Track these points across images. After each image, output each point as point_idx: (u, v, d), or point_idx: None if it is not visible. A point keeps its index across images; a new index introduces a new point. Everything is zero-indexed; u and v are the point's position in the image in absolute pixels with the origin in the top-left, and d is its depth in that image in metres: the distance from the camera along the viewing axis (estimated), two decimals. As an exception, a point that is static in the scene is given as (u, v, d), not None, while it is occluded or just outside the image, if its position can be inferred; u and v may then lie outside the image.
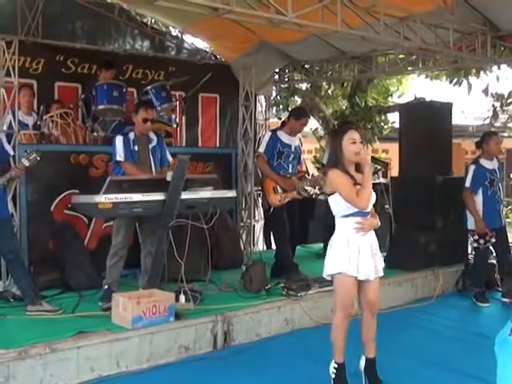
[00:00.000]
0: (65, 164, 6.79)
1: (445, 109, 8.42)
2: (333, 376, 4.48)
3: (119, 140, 5.93)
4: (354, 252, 4.34)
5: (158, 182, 5.57)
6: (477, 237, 7.15)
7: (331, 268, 4.42)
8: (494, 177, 7.16)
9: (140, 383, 4.76)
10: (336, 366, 4.47)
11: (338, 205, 4.39)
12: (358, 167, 4.43)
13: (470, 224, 7.21)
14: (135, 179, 5.63)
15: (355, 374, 4.60)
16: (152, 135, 6.18)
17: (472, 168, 7.23)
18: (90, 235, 6.99)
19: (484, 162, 7.22)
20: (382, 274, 4.53)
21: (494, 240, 7.12)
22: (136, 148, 5.96)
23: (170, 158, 6.28)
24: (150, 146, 6.09)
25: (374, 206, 4.61)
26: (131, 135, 6.00)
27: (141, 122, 5.98)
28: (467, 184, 7.18)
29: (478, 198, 7.14)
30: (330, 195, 4.43)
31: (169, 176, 5.45)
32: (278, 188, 7.02)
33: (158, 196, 5.43)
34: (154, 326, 5.13)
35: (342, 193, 4.32)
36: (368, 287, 4.47)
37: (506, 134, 13.26)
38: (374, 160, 4.38)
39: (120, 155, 5.89)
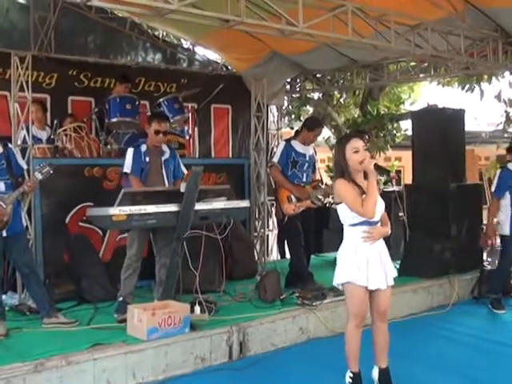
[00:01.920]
0: (79, 177, 6.83)
1: (457, 115, 8.38)
2: None
3: (130, 152, 5.97)
4: (362, 261, 4.33)
5: (172, 193, 5.58)
6: (484, 244, 7.13)
7: (340, 277, 4.41)
8: None
9: (156, 395, 4.77)
10: (352, 375, 4.46)
11: (345, 214, 4.39)
12: (367, 175, 4.41)
13: (500, 228, 7.20)
14: (149, 191, 5.64)
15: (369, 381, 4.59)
16: (165, 148, 6.19)
17: (498, 173, 7.30)
18: (104, 247, 7.02)
19: (511, 166, 7.20)
20: (392, 283, 4.49)
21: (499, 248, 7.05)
22: (147, 159, 5.97)
23: (184, 170, 6.28)
24: (163, 159, 6.10)
25: (388, 213, 4.59)
26: (143, 147, 6.02)
27: (153, 133, 6.00)
28: (492, 188, 7.22)
29: (506, 202, 7.10)
30: (338, 204, 4.43)
31: (182, 187, 5.45)
32: (292, 197, 7.01)
33: (172, 207, 5.43)
34: (170, 338, 5.13)
35: (348, 203, 4.31)
36: (379, 297, 4.45)
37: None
38: (378, 168, 4.36)
39: (127, 167, 5.92)
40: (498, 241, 7.37)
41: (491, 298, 7.20)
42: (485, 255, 8.53)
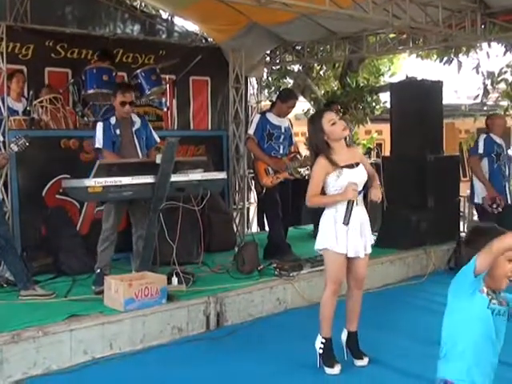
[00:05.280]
0: (55, 149, 6.76)
1: (435, 87, 8.39)
2: (320, 351, 4.56)
3: (99, 126, 5.88)
4: (341, 231, 4.39)
5: (148, 164, 5.57)
6: (490, 202, 7.13)
7: (320, 243, 4.52)
8: (500, 151, 7.23)
9: (133, 364, 4.77)
10: (323, 340, 4.55)
11: (330, 184, 4.47)
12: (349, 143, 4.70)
13: (478, 196, 7.25)
14: (125, 162, 5.62)
15: (340, 349, 4.70)
16: (135, 117, 6.12)
17: (483, 137, 7.36)
18: (82, 220, 6.98)
19: (493, 136, 7.33)
20: (370, 251, 4.59)
21: (503, 204, 7.07)
22: (118, 132, 5.90)
23: (157, 139, 6.23)
24: (134, 129, 6.04)
25: (365, 186, 4.64)
26: (112, 120, 5.94)
27: (119, 105, 5.91)
28: (480, 150, 7.28)
29: (484, 169, 7.16)
30: None
31: (158, 159, 5.43)
32: (270, 169, 7.02)
33: (148, 179, 5.41)
34: (147, 308, 5.15)
35: (310, 182, 4.50)
36: (357, 264, 4.55)
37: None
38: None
39: (99, 143, 5.84)
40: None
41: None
42: (461, 226, 8.64)
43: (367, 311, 4.84)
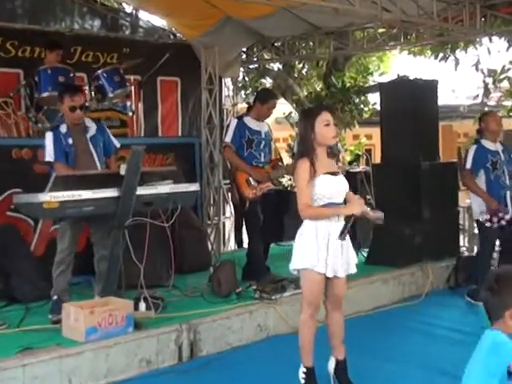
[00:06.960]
0: (5, 160, 6.73)
1: (430, 87, 8.42)
2: (302, 381, 4.58)
3: (49, 137, 5.79)
4: (322, 245, 4.41)
5: (111, 176, 5.51)
6: (489, 217, 7.05)
7: (298, 262, 4.52)
8: (496, 159, 7.13)
9: (96, 403, 4.72)
10: (305, 370, 4.57)
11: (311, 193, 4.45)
12: (330, 153, 4.57)
13: (476, 213, 7.21)
14: (84, 174, 5.56)
15: (323, 378, 4.67)
16: (89, 123, 6.04)
17: (473, 149, 7.25)
18: (36, 240, 6.93)
19: (485, 143, 7.21)
20: (354, 271, 4.62)
21: (508, 217, 7.02)
22: (70, 141, 5.82)
23: (116, 144, 6.18)
24: (89, 136, 5.96)
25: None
26: (63, 128, 5.86)
27: (68, 111, 5.84)
28: (468, 165, 7.17)
29: (481, 182, 7.13)
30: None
31: (122, 170, 5.37)
32: (251, 180, 6.97)
33: (111, 192, 5.34)
34: (111, 338, 5.08)
35: (297, 189, 4.47)
36: (335, 284, 4.57)
37: (500, 114, 13.34)
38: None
39: (50, 155, 5.77)
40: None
41: (469, 288, 7.22)
42: (461, 240, 8.66)
43: (358, 336, 4.85)
